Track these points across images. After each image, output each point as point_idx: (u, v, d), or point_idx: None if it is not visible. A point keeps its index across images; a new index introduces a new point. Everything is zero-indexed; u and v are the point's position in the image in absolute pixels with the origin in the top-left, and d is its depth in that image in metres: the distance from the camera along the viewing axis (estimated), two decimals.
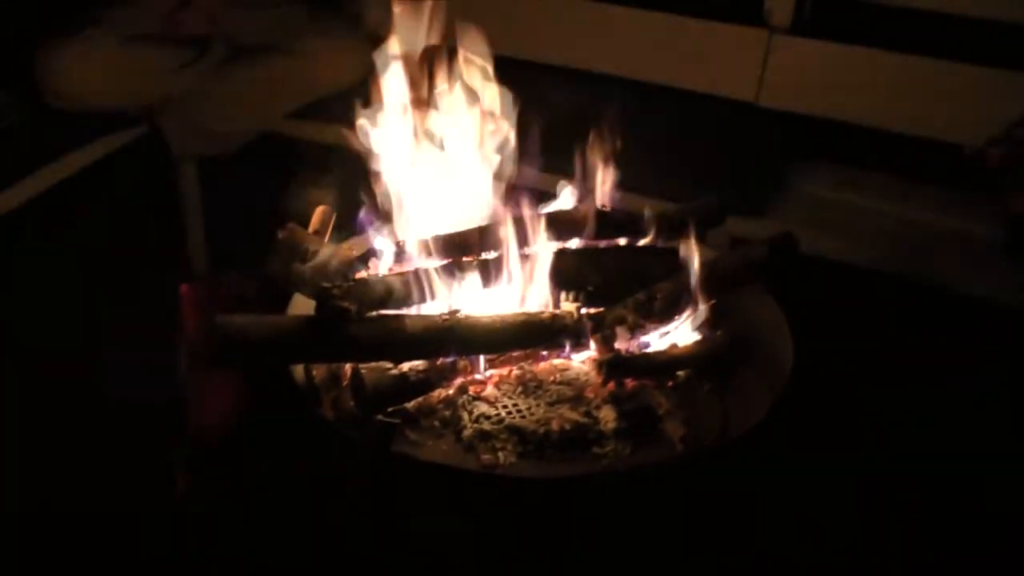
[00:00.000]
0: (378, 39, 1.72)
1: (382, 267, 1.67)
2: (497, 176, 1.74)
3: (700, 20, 2.64)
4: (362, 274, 1.65)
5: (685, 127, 2.59)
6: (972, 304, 2.15)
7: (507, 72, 1.78)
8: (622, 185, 1.81)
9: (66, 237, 2.72)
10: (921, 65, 2.45)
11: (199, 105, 2.57)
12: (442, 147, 1.70)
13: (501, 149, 1.75)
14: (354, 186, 1.74)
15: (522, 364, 1.64)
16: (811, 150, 2.59)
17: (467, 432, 1.51)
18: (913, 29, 2.45)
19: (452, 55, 1.74)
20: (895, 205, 2.40)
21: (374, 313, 1.51)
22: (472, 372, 1.60)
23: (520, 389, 1.60)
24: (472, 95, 1.72)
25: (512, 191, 1.73)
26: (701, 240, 1.69)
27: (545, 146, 1.79)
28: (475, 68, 1.74)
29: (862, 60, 2.49)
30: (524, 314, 1.60)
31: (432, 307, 1.58)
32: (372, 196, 1.71)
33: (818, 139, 2.61)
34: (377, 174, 1.69)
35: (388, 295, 1.53)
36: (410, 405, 1.53)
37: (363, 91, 2.37)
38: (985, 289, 2.17)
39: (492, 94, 1.74)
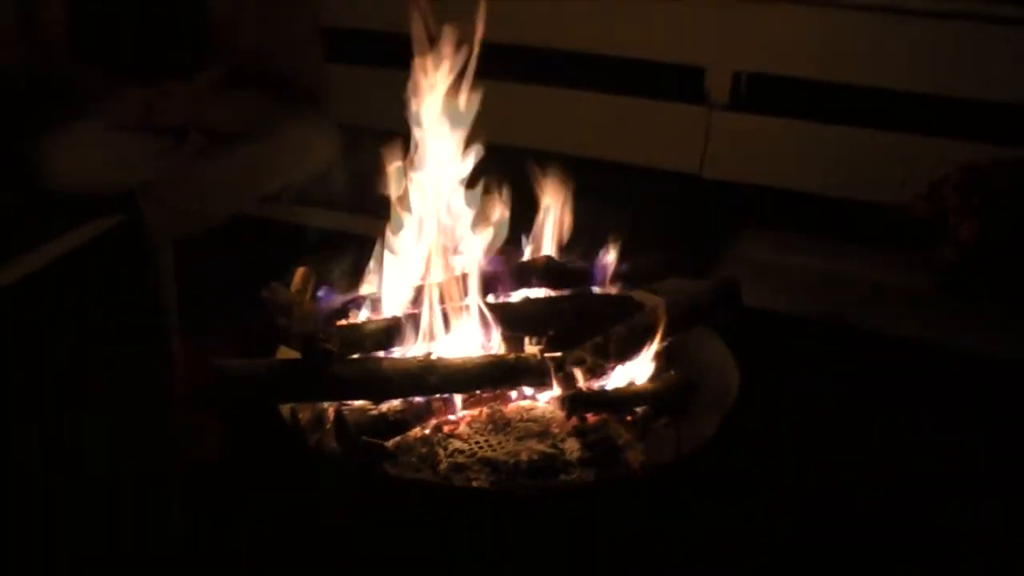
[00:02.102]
0: None
1: (361, 317, 1.80)
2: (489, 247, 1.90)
3: (645, 100, 2.85)
4: (342, 323, 1.78)
5: (633, 199, 2.77)
6: (900, 343, 2.32)
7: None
8: (575, 251, 1.97)
9: (48, 316, 2.84)
10: (847, 134, 2.67)
11: (179, 190, 2.71)
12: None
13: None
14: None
15: (491, 405, 1.77)
16: (751, 216, 2.77)
17: (443, 466, 1.63)
18: (839, 102, 2.68)
19: None
20: (828, 262, 2.58)
21: (355, 356, 1.65)
22: (446, 413, 1.73)
23: (490, 427, 1.73)
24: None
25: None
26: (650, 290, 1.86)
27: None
28: None
29: (795, 132, 2.71)
30: (491, 356, 1.74)
31: (407, 351, 1.71)
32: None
33: (758, 205, 2.80)
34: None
35: (367, 339, 1.67)
36: (389, 443, 1.66)
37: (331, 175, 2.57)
38: (911, 330, 2.33)
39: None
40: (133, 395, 2.09)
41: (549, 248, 1.93)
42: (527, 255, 1.92)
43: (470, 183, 1.87)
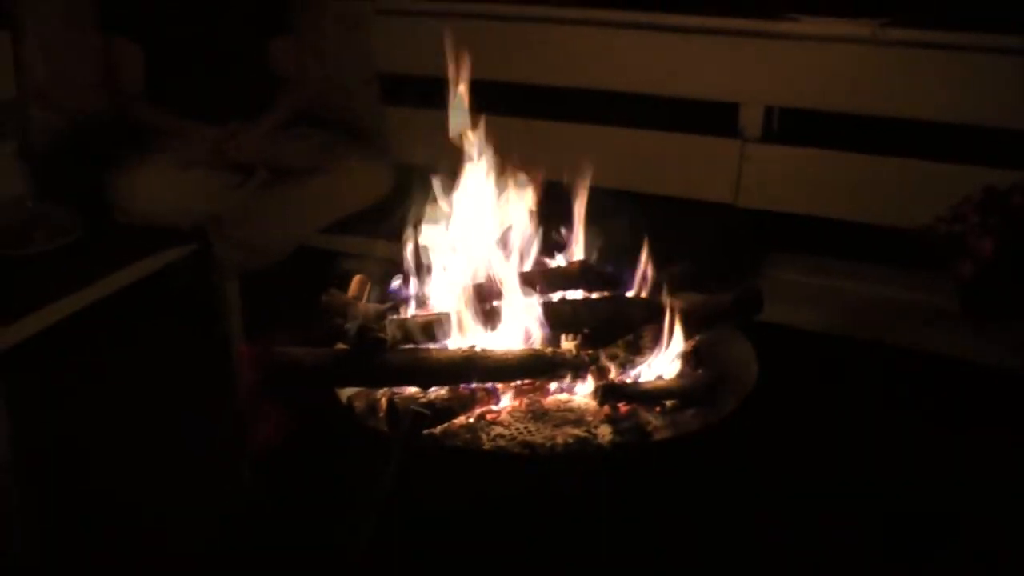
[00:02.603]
0: None
1: (411, 311, 1.97)
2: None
3: (683, 135, 3.01)
4: (394, 317, 1.94)
5: (671, 228, 2.91)
6: (928, 359, 2.43)
7: None
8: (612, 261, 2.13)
9: (120, 344, 3.05)
10: (875, 163, 2.80)
11: (244, 223, 2.92)
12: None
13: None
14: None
15: (531, 396, 1.91)
16: (784, 242, 2.90)
17: (486, 447, 1.78)
18: (865, 131, 2.82)
19: None
20: (859, 284, 2.69)
21: (406, 347, 1.81)
22: (489, 403, 1.87)
23: (530, 416, 1.86)
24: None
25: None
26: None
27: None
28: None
29: (824, 161, 2.85)
30: (531, 350, 1.89)
31: (454, 343, 1.87)
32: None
33: (790, 232, 2.93)
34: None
35: (417, 332, 1.83)
36: (436, 430, 1.80)
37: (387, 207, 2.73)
38: (940, 347, 2.44)
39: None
40: (201, 400, 2.29)
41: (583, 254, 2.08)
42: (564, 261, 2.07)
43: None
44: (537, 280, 1.98)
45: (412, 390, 1.85)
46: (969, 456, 2.39)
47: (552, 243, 2.12)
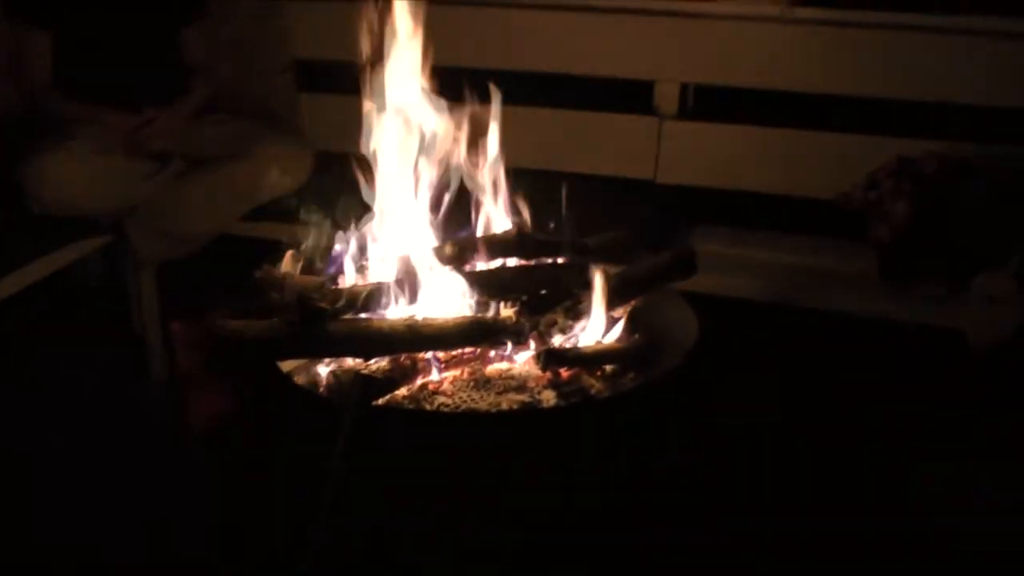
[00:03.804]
0: None
1: (348, 282, 1.95)
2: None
3: (600, 114, 3.04)
4: (333, 287, 1.92)
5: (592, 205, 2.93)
6: (849, 319, 2.52)
7: None
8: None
9: (32, 337, 2.97)
10: (789, 136, 2.87)
11: (162, 212, 2.85)
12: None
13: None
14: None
15: (472, 365, 1.91)
16: (706, 216, 2.95)
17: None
18: (779, 106, 2.89)
19: None
20: (779, 253, 2.76)
21: (346, 316, 1.79)
22: (429, 372, 1.86)
23: (472, 384, 1.87)
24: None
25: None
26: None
27: None
28: None
29: (740, 136, 2.91)
30: (471, 317, 1.88)
31: (393, 312, 1.86)
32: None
33: (712, 206, 2.98)
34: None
35: (356, 300, 1.81)
36: (379, 402, 1.79)
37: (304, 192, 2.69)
38: (859, 309, 2.52)
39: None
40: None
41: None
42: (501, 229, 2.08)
43: None
44: (474, 247, 1.98)
45: (352, 361, 1.83)
46: (892, 408, 2.49)
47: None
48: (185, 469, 2.14)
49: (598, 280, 1.91)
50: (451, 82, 3.11)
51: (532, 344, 1.89)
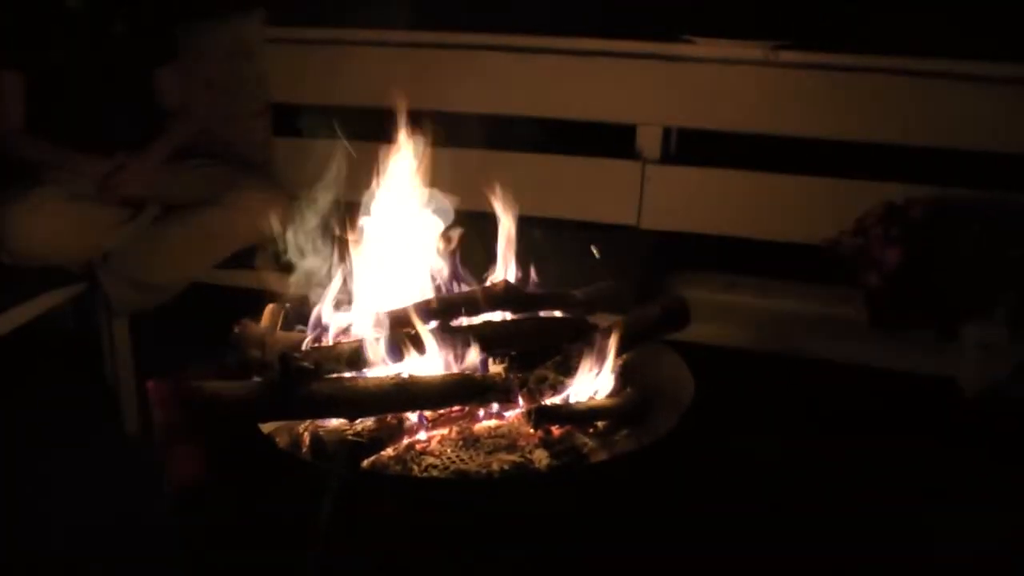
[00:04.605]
0: None
1: (330, 340, 1.88)
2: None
3: (582, 158, 3.00)
4: (316, 346, 1.86)
5: (575, 253, 2.88)
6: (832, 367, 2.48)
7: None
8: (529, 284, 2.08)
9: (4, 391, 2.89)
10: (773, 181, 2.84)
11: (135, 260, 2.78)
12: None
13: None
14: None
15: (460, 424, 1.85)
16: (690, 261, 2.91)
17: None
18: (763, 151, 2.86)
19: None
20: (765, 300, 2.72)
21: (330, 376, 1.72)
22: (417, 432, 1.80)
23: (461, 444, 1.80)
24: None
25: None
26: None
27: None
28: None
29: (724, 180, 2.88)
30: (459, 374, 1.82)
31: (379, 371, 1.79)
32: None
33: (695, 252, 2.94)
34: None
35: (341, 360, 1.74)
36: (365, 463, 1.72)
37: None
38: (850, 357, 2.48)
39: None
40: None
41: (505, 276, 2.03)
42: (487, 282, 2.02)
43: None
44: (460, 302, 1.92)
45: (336, 421, 1.77)
46: (884, 456, 2.47)
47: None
48: (156, 534, 2.05)
49: (595, 333, 1.86)
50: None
51: (521, 401, 1.83)
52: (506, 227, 2.00)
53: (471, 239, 2.04)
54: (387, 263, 1.93)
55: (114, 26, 2.90)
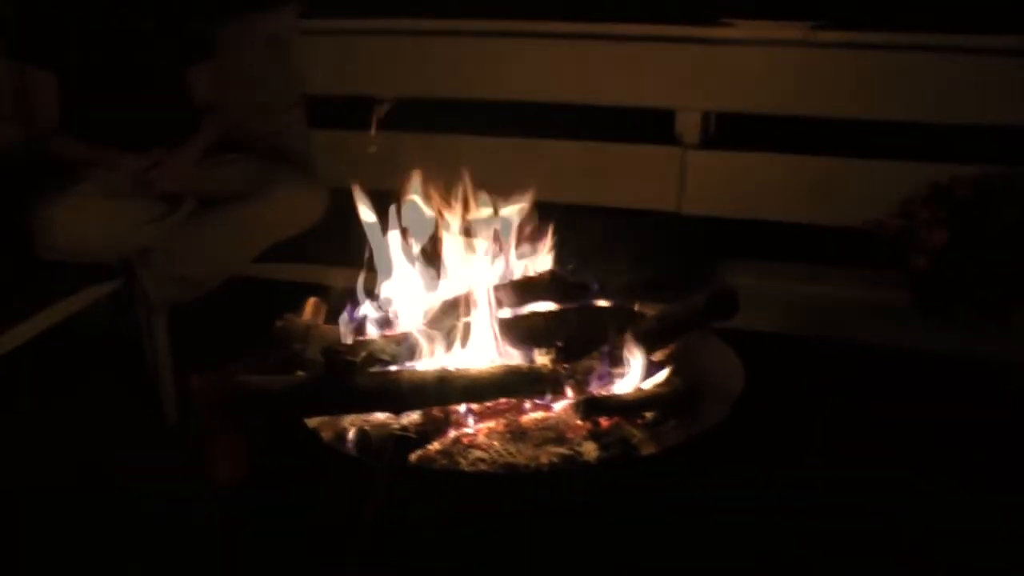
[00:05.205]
0: None
1: (375, 333, 1.86)
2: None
3: (622, 144, 2.96)
4: (360, 339, 1.84)
5: (617, 240, 2.86)
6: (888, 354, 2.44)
7: None
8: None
9: (46, 386, 2.89)
10: (815, 164, 2.79)
11: (173, 255, 2.77)
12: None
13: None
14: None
15: (507, 416, 1.82)
16: (733, 248, 2.87)
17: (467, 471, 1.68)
18: (804, 132, 2.81)
19: None
20: (811, 285, 2.67)
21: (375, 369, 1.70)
22: (463, 425, 1.78)
23: (508, 437, 1.78)
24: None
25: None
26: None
27: None
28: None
29: (765, 164, 2.83)
30: (505, 366, 1.80)
31: (424, 364, 1.77)
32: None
33: (738, 237, 2.90)
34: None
35: (386, 353, 1.72)
36: (412, 457, 1.70)
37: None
38: (897, 340, 2.44)
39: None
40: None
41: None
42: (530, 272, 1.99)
43: None
44: (505, 293, 1.89)
45: (381, 416, 1.75)
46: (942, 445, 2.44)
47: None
48: (198, 530, 2.05)
49: (642, 322, 1.84)
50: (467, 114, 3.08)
51: (569, 392, 1.80)
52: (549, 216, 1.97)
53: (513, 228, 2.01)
54: (431, 254, 1.91)
55: (147, 24, 2.89)
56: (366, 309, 1.87)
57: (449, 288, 1.90)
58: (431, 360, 1.78)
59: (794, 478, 2.30)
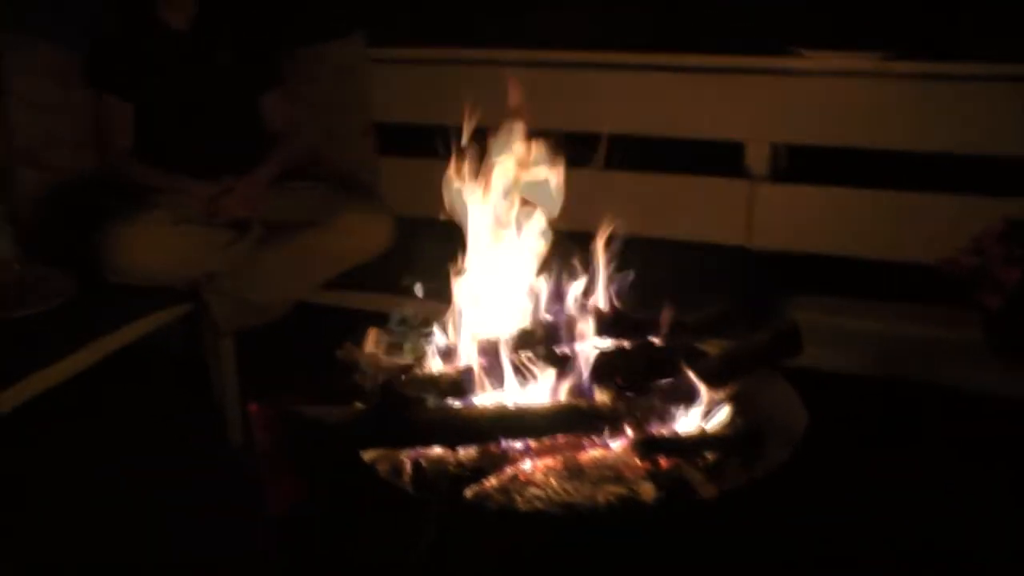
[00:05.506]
0: None
1: (434, 366, 1.86)
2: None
3: (690, 177, 2.94)
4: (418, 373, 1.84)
5: (684, 274, 2.82)
6: (959, 396, 2.37)
7: None
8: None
9: (112, 407, 2.95)
10: (886, 198, 2.74)
11: (241, 281, 2.81)
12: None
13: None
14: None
15: (565, 453, 1.80)
16: (801, 284, 2.82)
17: (522, 510, 1.66)
18: (875, 166, 2.76)
19: None
20: (880, 323, 2.61)
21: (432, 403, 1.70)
22: (521, 461, 1.77)
23: (565, 474, 1.76)
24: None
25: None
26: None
27: None
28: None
29: (835, 198, 2.79)
30: (565, 403, 1.79)
31: (483, 399, 1.76)
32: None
33: (807, 272, 2.85)
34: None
35: (443, 388, 1.72)
36: (467, 493, 1.69)
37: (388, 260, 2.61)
38: (969, 383, 2.37)
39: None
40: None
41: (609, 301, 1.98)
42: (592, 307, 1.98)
43: None
44: (564, 329, 1.88)
45: (438, 450, 1.74)
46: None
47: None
48: (256, 558, 2.06)
49: (704, 360, 1.81)
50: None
51: (628, 430, 1.78)
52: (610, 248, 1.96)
53: (575, 260, 2.00)
54: (491, 286, 1.90)
55: (220, 53, 2.95)
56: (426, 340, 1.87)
57: (509, 322, 1.89)
58: (490, 395, 1.77)
59: (857, 522, 2.24)
